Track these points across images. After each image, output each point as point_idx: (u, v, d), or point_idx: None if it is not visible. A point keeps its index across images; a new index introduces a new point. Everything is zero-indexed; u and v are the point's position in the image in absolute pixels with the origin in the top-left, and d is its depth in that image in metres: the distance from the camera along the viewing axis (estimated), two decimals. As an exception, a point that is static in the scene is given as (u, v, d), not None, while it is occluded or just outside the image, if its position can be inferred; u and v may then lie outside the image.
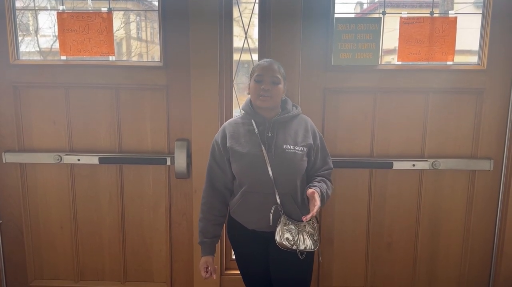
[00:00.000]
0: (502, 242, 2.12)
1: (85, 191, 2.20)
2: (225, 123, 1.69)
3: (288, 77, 1.99)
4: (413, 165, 2.08)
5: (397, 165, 2.07)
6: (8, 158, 2.13)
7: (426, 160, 2.08)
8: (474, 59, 2.09)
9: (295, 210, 1.60)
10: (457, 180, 2.13)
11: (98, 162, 2.12)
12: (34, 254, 2.27)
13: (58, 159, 2.12)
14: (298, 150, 1.58)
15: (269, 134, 1.59)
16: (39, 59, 2.41)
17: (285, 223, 1.54)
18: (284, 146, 1.57)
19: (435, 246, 2.21)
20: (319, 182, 1.61)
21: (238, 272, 2.23)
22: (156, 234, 2.24)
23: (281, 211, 1.56)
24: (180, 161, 2.08)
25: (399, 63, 2.06)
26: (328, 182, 1.66)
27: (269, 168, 1.54)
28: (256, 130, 1.59)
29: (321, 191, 1.56)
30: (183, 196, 2.19)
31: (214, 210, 1.67)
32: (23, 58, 2.18)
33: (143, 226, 2.23)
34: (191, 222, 2.17)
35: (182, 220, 2.21)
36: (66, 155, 2.12)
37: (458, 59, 2.06)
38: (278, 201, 1.56)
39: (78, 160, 2.12)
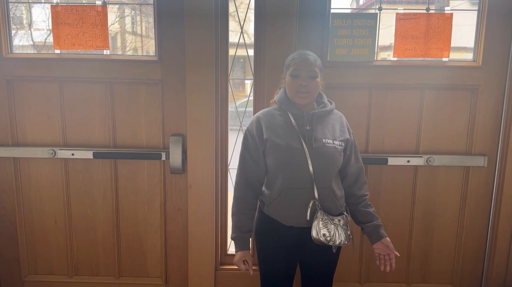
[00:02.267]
0: (495, 238, 2.14)
1: (79, 186, 2.19)
2: (258, 114, 1.63)
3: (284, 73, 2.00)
4: (408, 161, 2.09)
5: (392, 161, 2.08)
6: (2, 152, 2.12)
7: (421, 156, 2.09)
8: (469, 56, 2.09)
9: (333, 204, 1.58)
10: (451, 176, 2.15)
11: (92, 157, 2.11)
12: (28, 249, 2.26)
13: (52, 153, 2.10)
14: (337, 145, 1.56)
15: (308, 128, 1.56)
16: (33, 52, 2.39)
17: (322, 219, 1.52)
18: (324, 140, 1.55)
19: (429, 241, 2.22)
20: (369, 207, 1.66)
21: (233, 267, 2.25)
22: (151, 229, 2.23)
23: (318, 206, 1.53)
24: (176, 156, 2.08)
25: (395, 59, 2.06)
26: (367, 193, 1.69)
27: (309, 163, 1.51)
28: (293, 122, 1.56)
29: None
30: (178, 192, 2.18)
31: (248, 204, 1.63)
32: (17, 52, 2.16)
33: (137, 221, 2.23)
34: (186, 217, 2.17)
35: (177, 215, 2.21)
36: (60, 149, 2.11)
37: (454, 56, 2.07)
38: (316, 196, 1.54)
39: (72, 154, 2.11)
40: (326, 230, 1.51)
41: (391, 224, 2.20)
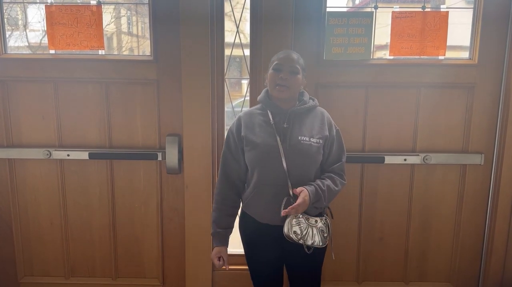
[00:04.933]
0: (492, 236, 2.14)
1: (75, 186, 2.17)
2: (241, 113, 1.67)
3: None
4: (405, 160, 2.08)
5: (389, 159, 2.08)
6: (-4, 153, 2.11)
7: (418, 155, 2.09)
8: (465, 54, 2.09)
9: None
10: (448, 175, 2.14)
11: (88, 158, 2.09)
12: (23, 250, 2.25)
13: (48, 154, 2.09)
14: (313, 142, 1.56)
15: (285, 125, 1.57)
16: (28, 53, 2.38)
17: (295, 216, 1.52)
18: (299, 138, 1.56)
19: (426, 240, 2.22)
20: (323, 179, 1.59)
21: (230, 267, 2.23)
22: (147, 229, 2.22)
23: (292, 203, 1.52)
24: (172, 156, 2.07)
25: (391, 57, 2.05)
26: (337, 178, 1.62)
27: (283, 160, 1.53)
28: (271, 120, 1.58)
29: (316, 189, 1.52)
30: (174, 192, 2.17)
31: (227, 201, 1.65)
32: (12, 52, 2.14)
33: (134, 222, 2.22)
34: (183, 217, 2.16)
35: (173, 216, 2.20)
36: (56, 150, 2.10)
37: (450, 54, 2.07)
38: (291, 193, 1.53)
39: (68, 155, 2.10)
40: (298, 228, 1.51)
41: (388, 223, 2.20)
